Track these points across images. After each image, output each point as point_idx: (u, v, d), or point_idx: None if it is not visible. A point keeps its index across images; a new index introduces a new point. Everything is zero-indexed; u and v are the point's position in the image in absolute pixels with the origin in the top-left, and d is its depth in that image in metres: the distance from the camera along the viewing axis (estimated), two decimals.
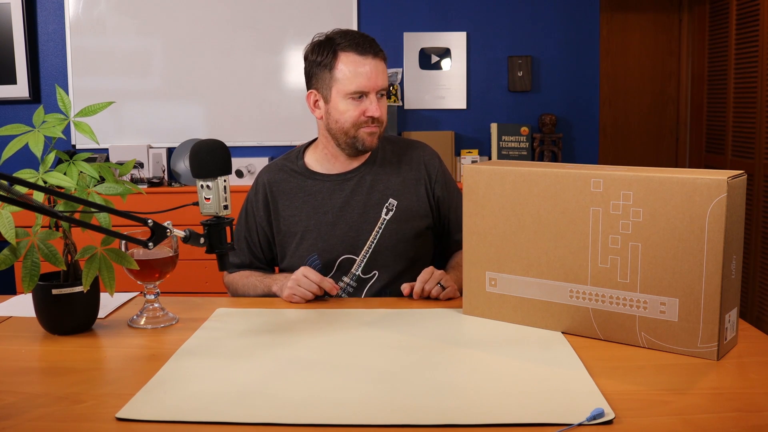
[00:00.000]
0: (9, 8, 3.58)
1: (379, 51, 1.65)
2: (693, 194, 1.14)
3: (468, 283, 1.40)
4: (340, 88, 1.62)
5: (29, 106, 3.69)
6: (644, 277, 1.20)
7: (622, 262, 1.22)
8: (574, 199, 1.26)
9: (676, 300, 1.18)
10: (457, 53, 3.74)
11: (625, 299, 1.23)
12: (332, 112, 1.66)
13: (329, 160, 1.74)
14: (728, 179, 1.12)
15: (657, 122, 4.51)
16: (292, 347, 1.25)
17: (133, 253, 1.35)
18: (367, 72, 1.61)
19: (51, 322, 1.35)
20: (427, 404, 0.99)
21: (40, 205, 1.11)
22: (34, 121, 1.33)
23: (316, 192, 1.72)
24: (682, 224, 1.16)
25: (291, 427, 0.94)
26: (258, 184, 1.78)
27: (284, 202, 1.73)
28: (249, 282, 1.71)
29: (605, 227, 1.23)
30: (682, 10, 4.42)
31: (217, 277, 3.32)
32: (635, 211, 1.20)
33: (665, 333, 1.20)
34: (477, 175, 1.36)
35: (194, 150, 1.29)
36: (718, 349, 1.16)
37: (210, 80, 3.71)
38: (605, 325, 1.26)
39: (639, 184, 1.19)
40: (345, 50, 1.62)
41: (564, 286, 1.29)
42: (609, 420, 0.94)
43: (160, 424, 0.95)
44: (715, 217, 1.13)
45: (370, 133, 1.65)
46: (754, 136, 3.52)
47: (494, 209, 1.35)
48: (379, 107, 1.64)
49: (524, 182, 1.30)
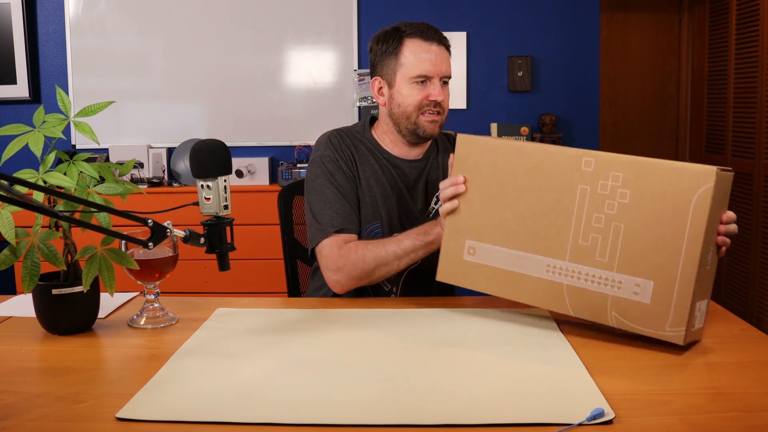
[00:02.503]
0: (9, 8, 3.58)
1: (443, 39, 1.68)
2: (681, 181, 1.17)
3: (446, 250, 1.40)
4: (405, 72, 1.65)
5: (29, 106, 3.69)
6: (622, 258, 1.23)
7: (603, 241, 1.24)
8: (563, 176, 1.27)
9: (651, 282, 1.20)
10: (457, 53, 3.74)
11: (601, 278, 1.25)
12: (396, 97, 1.67)
13: (388, 145, 1.75)
14: (718, 170, 1.14)
15: (657, 122, 4.51)
16: (292, 347, 1.25)
17: (133, 253, 1.35)
18: (432, 58, 1.64)
19: (51, 322, 1.35)
20: (427, 404, 0.99)
21: (40, 205, 1.11)
22: (34, 121, 1.33)
23: (384, 165, 1.72)
24: (667, 209, 1.18)
25: (291, 427, 0.94)
26: (335, 146, 1.70)
27: (360, 162, 1.71)
28: (389, 248, 1.54)
29: (590, 206, 1.25)
30: (682, 10, 4.42)
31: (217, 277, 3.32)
32: (622, 192, 1.22)
33: (636, 314, 1.22)
34: (471, 145, 1.37)
35: (194, 150, 1.29)
36: (685, 334, 1.18)
37: (210, 80, 3.71)
38: (577, 302, 1.27)
39: (630, 167, 1.21)
40: (411, 36, 1.66)
41: (542, 260, 1.30)
42: (609, 420, 0.94)
43: (160, 424, 0.95)
44: (699, 206, 1.15)
45: (431, 121, 1.66)
46: (754, 136, 3.52)
47: (482, 179, 1.35)
48: (442, 93, 1.65)
49: (517, 156, 1.32)
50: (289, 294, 1.95)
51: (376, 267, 1.55)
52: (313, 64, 3.74)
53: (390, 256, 1.54)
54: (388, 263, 1.55)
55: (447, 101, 1.68)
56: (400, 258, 1.54)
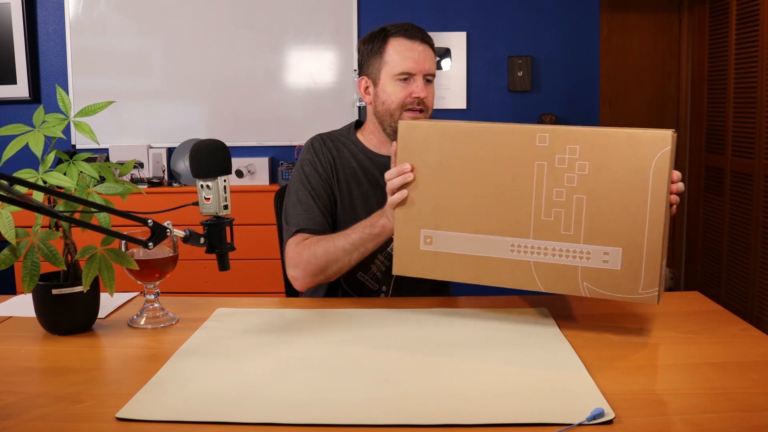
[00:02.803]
0: (9, 8, 3.58)
1: (427, 38, 1.70)
2: (639, 147, 1.19)
3: (400, 242, 1.37)
4: (389, 70, 1.68)
5: (29, 106, 3.69)
6: (588, 229, 1.23)
7: (566, 214, 1.24)
8: (518, 154, 1.26)
9: (619, 249, 1.22)
10: (457, 53, 3.74)
11: (568, 251, 1.25)
12: (380, 95, 1.70)
13: (375, 145, 1.77)
14: (672, 133, 1.18)
15: (657, 122, 4.51)
16: (292, 347, 1.25)
17: (133, 253, 1.35)
18: (415, 55, 1.66)
19: (51, 322, 1.35)
20: (426, 404, 0.99)
21: (40, 205, 1.11)
22: (34, 121, 1.33)
23: (367, 166, 1.74)
24: (627, 176, 1.20)
25: (291, 427, 0.94)
26: (316, 149, 1.75)
27: (340, 165, 1.74)
28: (338, 243, 1.56)
29: (550, 181, 1.25)
30: (682, 10, 4.42)
31: (217, 277, 3.32)
32: (581, 164, 1.23)
33: (608, 281, 1.23)
34: (413, 131, 1.34)
35: (194, 150, 1.29)
36: (658, 294, 1.21)
37: (210, 80, 3.71)
38: (547, 277, 1.27)
39: (585, 138, 1.22)
40: (395, 36, 1.69)
41: (505, 240, 1.29)
42: (609, 420, 0.94)
43: (160, 424, 0.95)
44: (659, 169, 1.18)
45: (413, 118, 1.67)
46: (754, 136, 3.52)
47: (431, 165, 1.33)
48: (425, 90, 1.67)
49: (466, 138, 1.30)
50: (287, 294, 1.95)
51: (327, 263, 1.57)
52: (313, 64, 3.73)
53: (339, 251, 1.55)
54: (339, 258, 1.56)
55: (430, 99, 1.70)
56: (350, 252, 1.55)
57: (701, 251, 4.25)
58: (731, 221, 3.80)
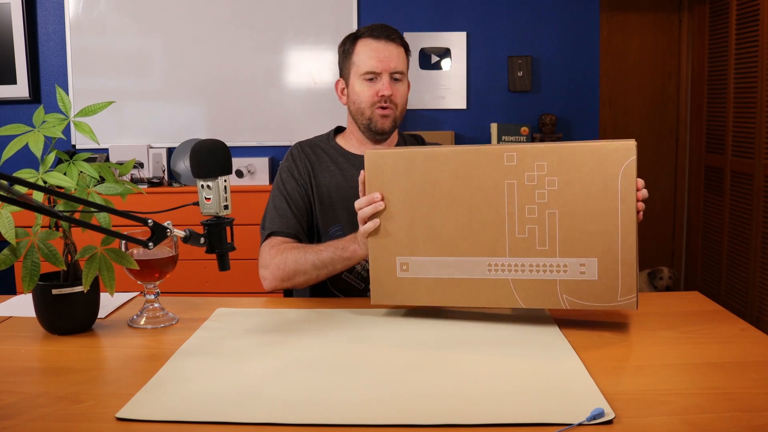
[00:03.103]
0: (9, 8, 3.58)
1: (394, 37, 1.73)
2: (605, 159, 1.22)
3: (376, 272, 1.38)
4: (356, 70, 1.73)
5: (29, 106, 3.69)
6: (563, 242, 1.26)
7: (540, 230, 1.27)
8: (488, 175, 1.28)
9: (595, 259, 1.25)
10: (457, 53, 3.74)
11: (545, 265, 1.28)
12: (351, 95, 1.76)
13: (355, 145, 1.82)
14: (635, 143, 1.22)
15: (657, 122, 4.51)
16: (292, 347, 1.25)
17: (133, 253, 1.35)
18: (379, 55, 1.71)
19: (51, 322, 1.35)
20: (426, 404, 0.99)
21: (40, 205, 1.11)
22: (34, 121, 1.33)
23: (346, 168, 1.78)
24: (597, 188, 1.23)
25: (291, 427, 0.94)
26: (294, 156, 1.81)
27: (318, 170, 1.78)
28: (309, 257, 1.57)
29: (521, 198, 1.27)
30: (682, 10, 4.42)
31: (217, 277, 3.32)
32: (550, 180, 1.25)
33: (586, 292, 1.26)
34: (380, 159, 1.35)
35: (194, 150, 1.29)
36: (636, 299, 1.24)
37: (210, 80, 3.71)
38: (526, 293, 1.29)
39: (552, 154, 1.25)
40: (363, 37, 1.74)
41: (481, 261, 1.31)
42: (609, 420, 0.94)
43: (160, 424, 0.95)
44: (626, 179, 1.22)
45: (382, 115, 1.73)
46: (754, 136, 3.52)
47: (402, 193, 1.34)
48: (391, 87, 1.71)
49: (434, 163, 1.31)
50: (284, 294, 1.95)
51: (295, 272, 1.59)
52: (313, 64, 3.73)
53: (308, 264, 1.57)
54: (307, 271, 1.58)
55: (399, 97, 1.74)
56: (319, 268, 1.57)
57: (701, 251, 4.25)
58: (731, 221, 3.80)
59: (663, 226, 4.56)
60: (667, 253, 4.59)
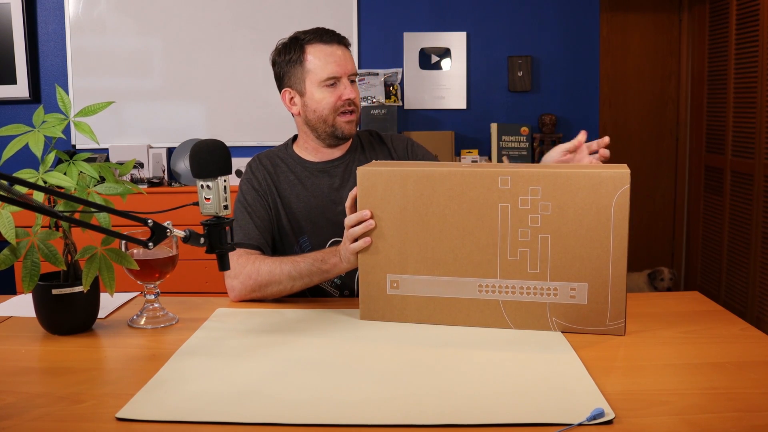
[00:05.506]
0: (9, 8, 3.58)
1: (342, 39, 1.72)
2: (599, 186, 1.23)
3: (366, 288, 1.38)
4: (313, 77, 1.69)
5: (29, 106, 3.69)
6: (554, 266, 1.27)
7: (532, 253, 1.28)
8: (481, 197, 1.28)
9: (586, 284, 1.26)
10: (457, 53, 3.74)
11: (536, 288, 1.29)
12: (309, 103, 1.71)
13: (311, 153, 1.78)
14: (629, 171, 1.23)
15: (657, 122, 4.51)
16: (292, 347, 1.25)
17: (133, 253, 1.35)
18: (336, 59, 1.68)
19: (51, 322, 1.35)
20: (426, 404, 0.99)
21: (40, 205, 1.11)
22: (34, 121, 1.33)
23: (305, 177, 1.75)
24: (590, 214, 1.24)
25: (291, 427, 0.94)
26: (253, 168, 1.78)
27: (279, 182, 1.75)
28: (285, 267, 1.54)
29: (514, 222, 1.28)
30: (682, 10, 4.42)
31: (217, 277, 3.32)
32: (544, 204, 1.26)
33: (575, 316, 1.28)
34: (374, 177, 1.34)
35: (194, 150, 1.29)
36: (624, 324, 1.26)
37: (210, 80, 3.71)
38: (516, 315, 1.31)
39: (547, 180, 1.25)
40: (311, 42, 1.69)
41: (472, 281, 1.31)
42: (609, 420, 0.94)
43: (160, 424, 0.96)
44: (619, 207, 1.23)
45: (348, 121, 1.71)
46: (754, 136, 3.52)
47: (394, 211, 1.34)
48: (353, 90, 1.70)
49: (428, 182, 1.31)
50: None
51: (269, 282, 1.54)
52: None
53: (284, 275, 1.53)
54: (281, 282, 1.54)
55: (358, 99, 1.72)
56: (295, 279, 1.53)
57: (701, 251, 4.25)
58: (731, 221, 3.80)
59: (663, 226, 4.56)
60: (667, 253, 4.59)
